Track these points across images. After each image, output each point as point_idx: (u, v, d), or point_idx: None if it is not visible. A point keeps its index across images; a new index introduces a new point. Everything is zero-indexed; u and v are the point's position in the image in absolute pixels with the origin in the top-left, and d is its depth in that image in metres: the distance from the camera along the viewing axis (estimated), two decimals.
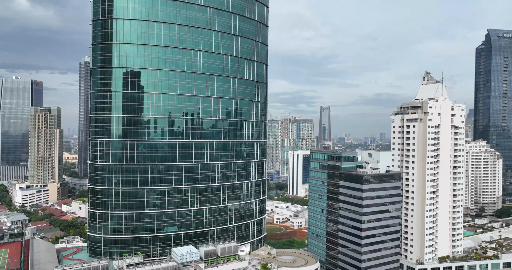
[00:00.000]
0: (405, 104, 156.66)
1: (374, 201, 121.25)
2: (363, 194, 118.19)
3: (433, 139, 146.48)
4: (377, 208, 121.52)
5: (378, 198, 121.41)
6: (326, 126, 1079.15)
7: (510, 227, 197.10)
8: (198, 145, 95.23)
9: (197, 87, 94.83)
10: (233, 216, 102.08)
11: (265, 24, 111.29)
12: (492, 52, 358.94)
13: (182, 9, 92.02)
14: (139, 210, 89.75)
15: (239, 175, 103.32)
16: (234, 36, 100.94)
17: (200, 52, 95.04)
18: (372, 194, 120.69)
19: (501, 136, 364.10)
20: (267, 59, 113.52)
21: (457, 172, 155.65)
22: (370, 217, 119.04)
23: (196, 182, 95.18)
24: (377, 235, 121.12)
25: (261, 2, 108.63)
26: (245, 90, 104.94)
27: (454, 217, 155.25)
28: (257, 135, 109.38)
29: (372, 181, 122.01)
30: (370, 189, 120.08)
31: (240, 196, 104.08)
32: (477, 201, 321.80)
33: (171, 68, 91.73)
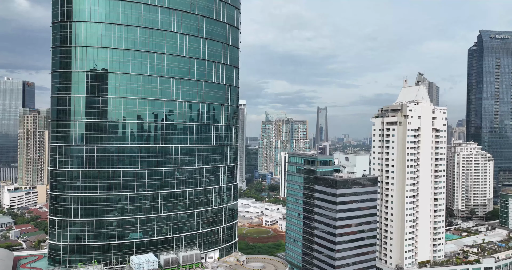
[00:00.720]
0: (385, 107, 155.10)
1: (349, 206, 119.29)
2: (337, 199, 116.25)
3: (412, 142, 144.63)
4: (352, 213, 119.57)
5: (353, 202, 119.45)
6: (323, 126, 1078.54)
7: (496, 230, 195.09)
8: (162, 150, 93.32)
9: (161, 91, 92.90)
10: (201, 222, 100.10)
11: (236, 26, 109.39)
12: (484, 53, 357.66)
13: (144, 12, 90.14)
14: (100, 217, 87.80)
15: (207, 181, 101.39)
16: (201, 38, 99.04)
17: (164, 55, 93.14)
18: (347, 198, 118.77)
19: (493, 138, 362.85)
20: (239, 62, 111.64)
21: (439, 176, 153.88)
22: (345, 222, 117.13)
23: (160, 188, 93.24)
24: (352, 240, 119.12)
25: (231, 4, 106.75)
26: (214, 93, 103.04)
27: (436, 221, 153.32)
28: (227, 139, 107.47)
29: (346, 186, 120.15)
30: (344, 193, 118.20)
31: (208, 202, 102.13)
32: (468, 203, 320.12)
33: (133, 72, 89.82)
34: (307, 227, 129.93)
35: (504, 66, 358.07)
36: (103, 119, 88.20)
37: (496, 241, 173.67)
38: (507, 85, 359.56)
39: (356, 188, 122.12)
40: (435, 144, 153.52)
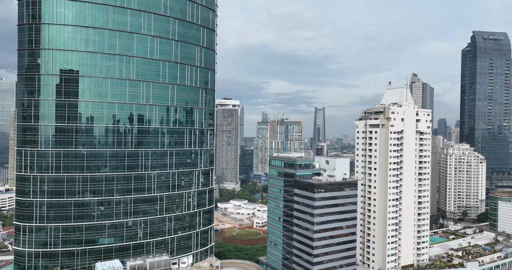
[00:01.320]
0: (368, 109, 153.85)
1: (327, 210, 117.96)
2: (315, 203, 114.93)
3: (395, 145, 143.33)
4: (331, 217, 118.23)
5: (332, 206, 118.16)
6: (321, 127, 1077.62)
7: (484, 233, 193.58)
8: (132, 154, 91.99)
9: (130, 94, 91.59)
10: (173, 227, 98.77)
11: (211, 28, 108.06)
12: (477, 54, 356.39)
13: (113, 14, 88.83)
14: (67, 222, 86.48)
15: (179, 185, 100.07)
16: (173, 41, 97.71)
17: (133, 58, 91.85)
18: (326, 202, 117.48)
19: (486, 139, 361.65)
20: (214, 65, 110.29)
21: (423, 179, 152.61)
22: (323, 226, 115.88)
23: (130, 192, 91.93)
24: (330, 245, 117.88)
25: (206, 6, 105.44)
26: (187, 96, 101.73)
27: (420, 224, 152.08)
28: (202, 142, 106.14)
29: (325, 189, 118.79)
30: (322, 197, 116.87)
31: (181, 206, 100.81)
32: (460, 205, 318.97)
33: (101, 75, 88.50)
34: (287, 231, 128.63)
35: (497, 67, 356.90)
36: (71, 123, 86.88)
37: (482, 244, 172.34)
38: (500, 86, 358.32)
39: (335, 192, 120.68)
40: (419, 147, 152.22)
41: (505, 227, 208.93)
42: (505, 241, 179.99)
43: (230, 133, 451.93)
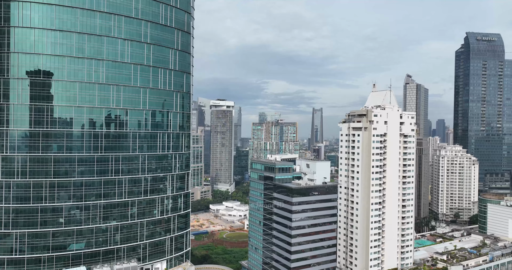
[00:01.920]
0: (352, 112, 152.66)
1: (306, 214, 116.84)
2: (293, 207, 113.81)
3: (378, 148, 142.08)
4: (310, 222, 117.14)
5: (310, 211, 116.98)
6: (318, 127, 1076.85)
7: (472, 236, 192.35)
8: (100, 159, 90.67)
9: (100, 98, 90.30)
10: (145, 232, 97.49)
11: (187, 31, 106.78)
12: (471, 56, 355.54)
13: (82, 17, 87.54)
14: (33, 228, 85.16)
15: (152, 190, 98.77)
16: (145, 44, 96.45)
17: (103, 61, 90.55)
18: (304, 207, 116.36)
19: (480, 141, 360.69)
20: (190, 68, 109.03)
21: (407, 182, 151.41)
22: (301, 231, 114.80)
23: (99, 198, 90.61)
24: (309, 249, 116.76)
25: (180, 9, 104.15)
26: (160, 100, 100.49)
27: (404, 228, 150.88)
28: (177, 146, 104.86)
29: (303, 194, 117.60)
30: (300, 202, 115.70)
31: (153, 211, 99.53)
32: (453, 207, 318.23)
33: (69, 79, 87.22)
34: (266, 234, 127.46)
35: (491, 69, 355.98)
36: (38, 127, 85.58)
37: (469, 248, 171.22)
38: (493, 88, 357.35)
39: (314, 196, 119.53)
40: (403, 150, 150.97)
41: (494, 230, 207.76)
42: (493, 244, 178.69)
43: (224, 134, 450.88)
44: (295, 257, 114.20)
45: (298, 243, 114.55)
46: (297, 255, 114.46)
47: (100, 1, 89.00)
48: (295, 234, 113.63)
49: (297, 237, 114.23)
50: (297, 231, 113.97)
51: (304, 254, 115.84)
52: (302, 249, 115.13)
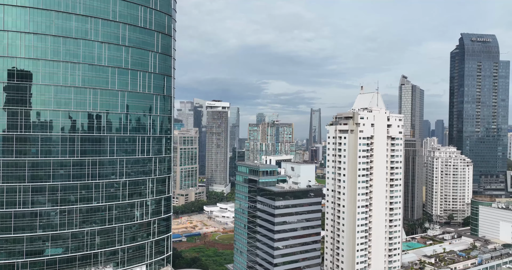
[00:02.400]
0: (339, 114, 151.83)
1: (289, 218, 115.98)
2: (275, 211, 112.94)
3: (364, 151, 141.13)
4: (293, 225, 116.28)
5: (294, 214, 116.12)
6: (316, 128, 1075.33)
7: (462, 238, 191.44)
8: (77, 163, 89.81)
9: (76, 102, 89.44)
10: (123, 237, 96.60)
11: (167, 33, 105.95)
12: (465, 57, 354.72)
13: (57, 19, 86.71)
14: (6, 234, 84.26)
15: (130, 194, 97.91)
16: (123, 46, 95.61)
17: (79, 64, 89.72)
18: (287, 210, 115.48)
19: (474, 142, 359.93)
20: (171, 70, 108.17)
21: (394, 185, 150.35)
22: (284, 234, 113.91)
23: (75, 202, 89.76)
24: (292, 254, 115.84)
25: (160, 11, 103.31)
26: (140, 103, 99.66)
27: (391, 230, 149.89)
28: (157, 150, 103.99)
29: (287, 197, 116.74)
30: (283, 205, 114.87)
31: (132, 216, 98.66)
32: (447, 208, 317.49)
33: (44, 82, 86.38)
34: (250, 238, 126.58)
35: (486, 70, 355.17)
36: (12, 131, 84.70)
37: (458, 251, 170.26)
38: (488, 89, 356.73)
39: (298, 200, 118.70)
40: (391, 153, 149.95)
41: (486, 232, 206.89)
42: (483, 247, 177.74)
43: (220, 135, 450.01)
44: (278, 261, 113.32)
45: (281, 247, 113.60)
46: (280, 259, 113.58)
47: (75, 4, 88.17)
48: (278, 238, 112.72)
49: (280, 241, 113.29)
50: (280, 235, 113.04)
51: (288, 258, 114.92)
52: (285, 253, 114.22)
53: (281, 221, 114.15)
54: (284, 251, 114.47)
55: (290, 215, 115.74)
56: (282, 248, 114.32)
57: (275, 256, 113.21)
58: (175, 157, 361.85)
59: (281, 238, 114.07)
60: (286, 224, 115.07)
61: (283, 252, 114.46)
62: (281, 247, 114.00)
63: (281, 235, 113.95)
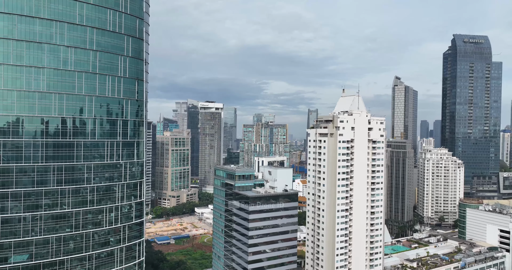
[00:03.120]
0: (320, 118, 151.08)
1: (264, 223, 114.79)
2: (249, 216, 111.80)
3: (344, 155, 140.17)
4: (269, 231, 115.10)
5: (269, 219, 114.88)
6: None
7: (448, 242, 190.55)
8: (41, 169, 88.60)
9: (40, 107, 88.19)
10: (91, 243, 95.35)
11: (139, 37, 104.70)
12: (458, 58, 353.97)
13: (20, 24, 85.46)
14: None
15: (99, 199, 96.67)
16: (90, 51, 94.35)
17: (44, 69, 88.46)
18: (262, 215, 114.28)
19: (467, 143, 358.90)
20: (143, 74, 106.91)
21: (376, 188, 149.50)
22: (259, 240, 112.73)
23: (39, 208, 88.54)
24: (267, 259, 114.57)
25: (131, 15, 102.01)
26: (109, 108, 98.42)
27: (373, 234, 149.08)
28: (128, 155, 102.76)
29: (261, 202, 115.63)
30: (258, 210, 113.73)
31: (101, 222, 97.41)
32: (438, 210, 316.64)
33: (6, 87, 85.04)
34: (227, 243, 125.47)
35: (478, 71, 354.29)
36: None
37: (441, 254, 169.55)
38: (481, 90, 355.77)
39: (273, 204, 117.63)
40: (372, 156, 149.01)
41: (473, 235, 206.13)
42: (468, 250, 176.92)
43: (213, 136, 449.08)
44: (253, 266, 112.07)
45: (255, 252, 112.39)
46: (255, 264, 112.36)
47: (39, 7, 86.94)
48: (252, 243, 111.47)
49: (254, 246, 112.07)
50: (254, 240, 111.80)
51: (263, 263, 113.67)
52: (260, 258, 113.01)
53: (256, 226, 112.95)
54: (258, 257, 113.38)
55: (265, 220, 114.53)
56: (257, 254, 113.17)
57: (249, 262, 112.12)
58: (167, 159, 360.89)
59: (255, 243, 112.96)
60: (261, 229, 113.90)
61: (258, 257, 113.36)
62: (255, 252, 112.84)
63: (256, 240, 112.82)
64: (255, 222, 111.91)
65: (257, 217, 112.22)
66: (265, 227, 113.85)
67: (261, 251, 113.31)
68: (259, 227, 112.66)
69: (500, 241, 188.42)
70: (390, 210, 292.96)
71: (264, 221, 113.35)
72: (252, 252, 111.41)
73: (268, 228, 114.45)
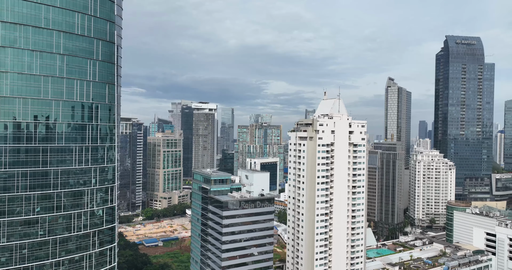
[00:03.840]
0: (300, 121, 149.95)
1: (239, 228, 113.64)
2: (223, 221, 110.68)
3: (324, 159, 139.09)
4: (244, 236, 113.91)
5: (244, 224, 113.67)
6: None
7: (433, 245, 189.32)
8: (4, 175, 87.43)
9: (3, 112, 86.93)
10: (58, 250, 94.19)
11: (109, 41, 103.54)
12: (450, 59, 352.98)
13: None
14: None
15: (66, 205, 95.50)
16: (57, 55, 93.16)
17: (7, 73, 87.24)
18: (237, 220, 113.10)
19: (459, 145, 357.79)
20: (115, 78, 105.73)
21: (357, 192, 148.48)
22: (234, 245, 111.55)
23: (3, 215, 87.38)
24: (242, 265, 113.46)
25: (100, 18, 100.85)
26: (76, 112, 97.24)
27: (354, 239, 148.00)
28: (96, 160, 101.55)
29: (236, 207, 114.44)
30: (232, 215, 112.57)
31: (69, 228, 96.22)
32: (429, 212, 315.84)
33: None
34: (203, 247, 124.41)
35: (470, 72, 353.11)
36: None
37: (425, 258, 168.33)
38: (473, 91, 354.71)
39: (249, 209, 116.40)
40: (353, 160, 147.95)
41: (460, 238, 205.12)
42: (452, 254, 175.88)
43: (206, 138, 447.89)
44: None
45: (230, 258, 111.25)
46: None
47: (2, 11, 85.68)
48: (225, 249, 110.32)
49: (228, 252, 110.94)
50: (228, 245, 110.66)
51: (237, 269, 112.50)
52: (234, 263, 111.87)
53: (230, 232, 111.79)
54: (232, 262, 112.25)
55: (239, 225, 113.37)
56: (231, 259, 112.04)
57: (223, 267, 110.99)
58: (158, 160, 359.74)
59: (229, 248, 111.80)
60: (235, 234, 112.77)
61: (232, 262, 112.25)
62: (229, 257, 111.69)
63: (229, 246, 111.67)
64: (229, 227, 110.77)
65: (231, 222, 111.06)
66: (240, 232, 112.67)
67: (235, 256, 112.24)
68: (234, 232, 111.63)
69: (487, 244, 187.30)
70: (381, 212, 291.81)
71: (238, 226, 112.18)
72: (226, 257, 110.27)
73: (243, 233, 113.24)
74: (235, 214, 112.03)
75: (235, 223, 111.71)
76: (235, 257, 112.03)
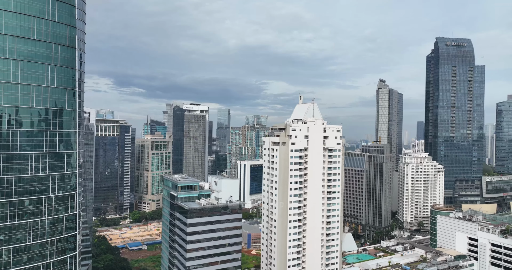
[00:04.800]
0: (274, 126, 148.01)
1: (205, 235, 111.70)
2: (188, 229, 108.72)
3: (297, 164, 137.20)
4: (210, 243, 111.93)
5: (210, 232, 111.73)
6: None
7: (415, 250, 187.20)
8: None
9: None
10: (12, 259, 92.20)
11: (69, 46, 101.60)
12: (440, 61, 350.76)
13: None
14: None
15: (21, 214, 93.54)
16: (11, 60, 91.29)
17: None
18: (203, 228, 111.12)
19: (449, 147, 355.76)
20: (75, 83, 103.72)
21: (332, 198, 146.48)
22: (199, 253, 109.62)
23: None
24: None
25: (60, 22, 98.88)
26: (33, 119, 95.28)
27: (329, 245, 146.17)
28: (55, 167, 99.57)
29: (202, 214, 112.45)
30: (197, 223, 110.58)
31: (25, 237, 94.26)
32: (417, 215, 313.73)
33: None
34: (170, 255, 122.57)
35: (461, 74, 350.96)
36: None
37: (404, 264, 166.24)
38: (463, 94, 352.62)
39: (215, 217, 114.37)
40: (328, 165, 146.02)
41: (443, 242, 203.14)
42: (433, 259, 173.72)
43: (197, 139, 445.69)
44: None
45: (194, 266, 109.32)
46: None
47: None
48: (190, 257, 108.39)
49: (193, 260, 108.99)
50: (192, 254, 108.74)
51: None
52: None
53: (195, 240, 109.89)
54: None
55: (205, 233, 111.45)
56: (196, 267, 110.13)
57: None
58: (147, 162, 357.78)
59: (194, 257, 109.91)
60: (201, 242, 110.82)
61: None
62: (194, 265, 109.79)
63: (194, 254, 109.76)
64: (194, 235, 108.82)
65: (196, 230, 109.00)
66: (206, 240, 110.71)
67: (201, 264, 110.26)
68: (199, 240, 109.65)
69: (469, 249, 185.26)
70: (368, 216, 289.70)
71: (204, 234, 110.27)
72: (190, 266, 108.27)
73: (209, 240, 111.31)
74: (199, 221, 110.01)
75: (202, 230, 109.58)
76: (202, 265, 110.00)
